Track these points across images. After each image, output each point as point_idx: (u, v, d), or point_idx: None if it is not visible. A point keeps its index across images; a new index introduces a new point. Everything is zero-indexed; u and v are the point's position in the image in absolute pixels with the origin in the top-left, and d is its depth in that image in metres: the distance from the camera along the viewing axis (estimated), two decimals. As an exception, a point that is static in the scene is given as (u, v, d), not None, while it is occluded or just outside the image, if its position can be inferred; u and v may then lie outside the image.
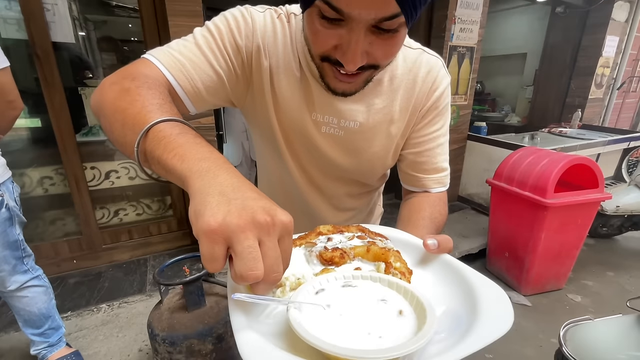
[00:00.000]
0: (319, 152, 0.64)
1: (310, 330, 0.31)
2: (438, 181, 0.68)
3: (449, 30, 2.48)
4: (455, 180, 3.11)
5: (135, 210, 2.24)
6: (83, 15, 2.13)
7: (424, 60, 0.62)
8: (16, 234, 1.19)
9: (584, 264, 2.39)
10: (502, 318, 0.34)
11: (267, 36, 0.57)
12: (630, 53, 3.75)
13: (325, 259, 0.44)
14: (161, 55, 0.50)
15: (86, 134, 2.05)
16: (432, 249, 0.45)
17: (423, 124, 0.65)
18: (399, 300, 0.36)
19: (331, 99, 0.59)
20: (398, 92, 0.61)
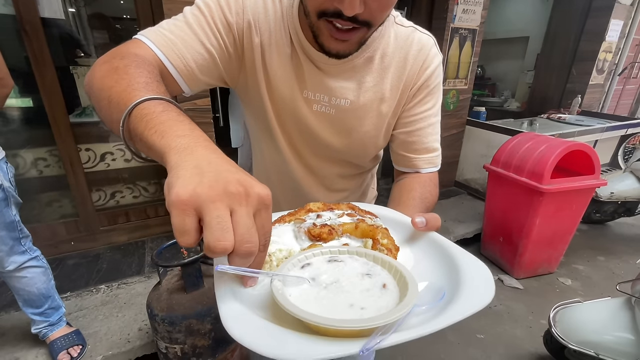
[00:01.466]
0: (310, 131, 0.64)
1: (294, 302, 0.32)
2: (429, 161, 0.68)
3: (451, 11, 2.42)
4: (453, 166, 3.11)
5: (132, 193, 2.23)
6: None
7: (416, 38, 0.62)
8: (12, 214, 1.18)
9: (575, 249, 2.43)
10: (483, 292, 0.34)
11: (258, 12, 0.56)
12: (634, 38, 3.69)
13: (313, 235, 0.44)
14: (152, 35, 0.50)
15: (80, 114, 2.01)
16: (420, 226, 0.45)
17: (414, 103, 0.65)
18: (383, 275, 0.37)
19: (322, 76, 0.59)
20: (389, 70, 0.61)
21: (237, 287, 0.36)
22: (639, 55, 3.99)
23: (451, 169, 3.11)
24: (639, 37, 3.85)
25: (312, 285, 0.35)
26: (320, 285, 0.35)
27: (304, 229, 0.45)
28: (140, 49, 0.48)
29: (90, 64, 2.05)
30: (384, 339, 0.28)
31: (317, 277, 0.36)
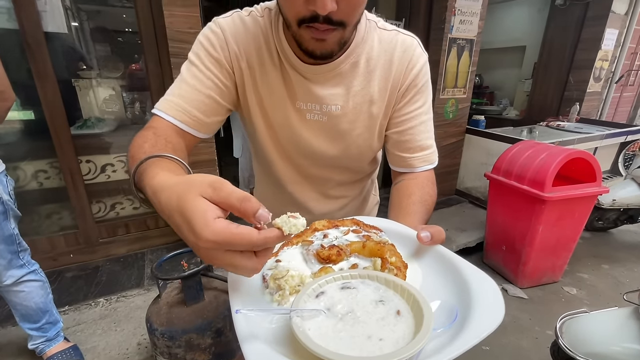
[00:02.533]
0: (305, 141, 0.66)
1: (314, 338, 0.32)
2: (424, 159, 0.69)
3: (449, 22, 2.45)
4: (453, 174, 3.11)
5: (132, 204, 2.22)
6: (76, 5, 2.08)
7: (400, 40, 0.63)
8: (11, 228, 1.18)
9: (579, 257, 2.41)
10: (494, 311, 0.35)
11: (239, 37, 0.60)
12: (629, 46, 3.74)
13: (322, 258, 0.44)
14: (162, 105, 0.59)
15: (81, 126, 2.02)
16: (426, 241, 0.46)
17: (403, 102, 0.66)
18: (396, 300, 0.37)
19: (311, 86, 0.61)
20: (375, 73, 0.63)
21: (256, 327, 0.37)
22: (635, 63, 4.03)
23: (452, 177, 3.11)
24: (634, 45, 3.90)
25: (328, 316, 0.36)
26: (336, 316, 0.36)
27: (313, 252, 0.45)
28: (157, 122, 0.58)
29: (92, 76, 2.07)
30: None
31: (332, 307, 0.37)
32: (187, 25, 1.66)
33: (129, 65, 2.22)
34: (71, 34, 2.01)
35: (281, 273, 0.42)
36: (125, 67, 2.24)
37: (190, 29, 1.68)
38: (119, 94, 2.16)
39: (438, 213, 2.89)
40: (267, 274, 0.44)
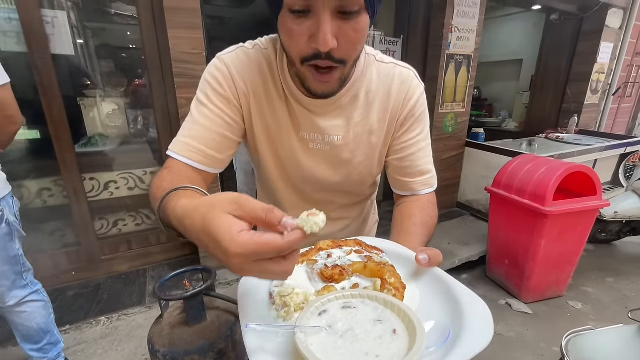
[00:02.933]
0: (309, 170, 0.69)
1: (316, 353, 0.35)
2: (424, 183, 0.72)
3: (446, 39, 2.50)
4: (454, 187, 3.11)
5: (135, 221, 2.23)
6: (82, 24, 2.13)
7: (397, 72, 0.67)
8: (16, 248, 1.18)
9: (583, 271, 2.39)
10: (484, 332, 0.37)
11: (245, 72, 0.62)
12: (625, 59, 3.79)
13: (326, 277, 0.47)
14: (176, 147, 0.61)
15: (85, 144, 2.04)
16: (424, 263, 0.48)
17: (402, 131, 0.69)
18: (393, 320, 0.40)
19: (313, 117, 0.64)
20: (374, 105, 0.66)
21: (264, 341, 0.40)
22: (631, 75, 4.08)
23: (452, 190, 3.12)
24: (630, 57, 3.96)
25: (330, 333, 0.39)
26: (337, 333, 0.39)
27: (317, 271, 0.48)
28: (173, 163, 0.60)
29: (97, 95, 2.11)
30: None
31: (333, 324, 0.40)
32: (191, 47, 1.71)
33: (132, 80, 2.27)
34: (77, 53, 2.06)
35: (287, 291, 0.45)
36: (129, 82, 2.29)
37: (194, 50, 1.72)
38: (122, 112, 2.20)
39: (440, 226, 2.88)
40: (274, 291, 0.46)
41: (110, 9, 2.35)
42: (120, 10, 2.34)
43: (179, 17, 1.66)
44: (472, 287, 1.86)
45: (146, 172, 2.17)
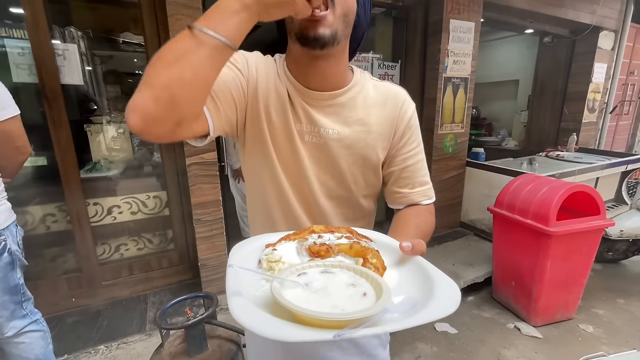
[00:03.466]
0: (303, 164, 0.70)
1: (287, 298, 0.38)
2: (423, 194, 0.75)
3: (443, 62, 2.58)
4: (456, 207, 3.10)
5: (137, 245, 2.22)
6: (91, 52, 2.22)
7: (391, 88, 0.74)
8: (17, 278, 1.18)
9: (592, 291, 2.34)
10: (449, 304, 0.40)
11: (259, 65, 0.68)
12: (620, 78, 3.87)
13: (312, 252, 0.51)
14: None
15: (90, 169, 2.08)
16: (407, 250, 0.51)
17: (402, 143, 0.73)
18: (366, 286, 0.43)
19: (312, 111, 0.68)
20: (372, 108, 0.71)
21: (243, 288, 0.42)
22: (627, 93, 4.14)
23: (455, 209, 3.10)
24: (624, 77, 4.04)
25: (304, 289, 0.42)
26: (311, 290, 0.42)
27: (305, 247, 0.52)
28: None
29: (103, 121, 2.16)
30: (354, 331, 0.34)
31: (310, 283, 0.43)
32: (195, 75, 1.76)
33: None
34: (85, 81, 2.12)
35: (275, 258, 0.50)
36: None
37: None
38: (127, 136, 2.24)
39: (443, 247, 2.85)
40: (263, 258, 0.50)
41: (119, 38, 2.46)
42: (127, 38, 2.45)
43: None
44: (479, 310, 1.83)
45: (149, 197, 2.18)
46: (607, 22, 3.46)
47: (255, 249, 0.54)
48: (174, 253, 2.27)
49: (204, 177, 1.92)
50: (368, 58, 2.63)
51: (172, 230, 2.25)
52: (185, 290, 2.21)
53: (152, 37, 1.89)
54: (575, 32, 3.51)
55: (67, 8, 2.08)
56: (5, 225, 1.13)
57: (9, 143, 1.11)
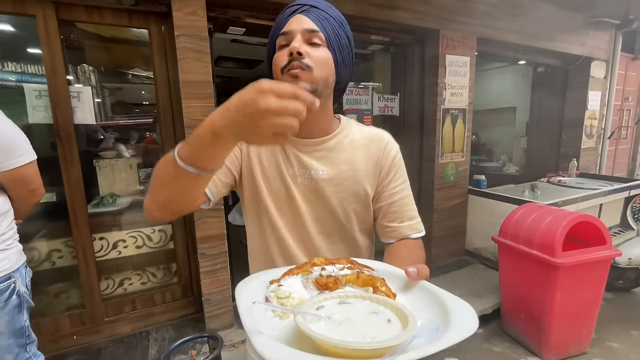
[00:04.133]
0: (297, 205, 0.75)
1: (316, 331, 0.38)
2: (412, 228, 0.79)
3: (440, 95, 2.67)
4: (461, 235, 3.09)
5: (140, 279, 2.21)
6: (101, 84, 2.31)
7: (375, 132, 0.81)
8: (23, 320, 1.18)
9: (605, 322, 2.27)
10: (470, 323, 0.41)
11: None
12: (615, 104, 3.96)
13: (320, 285, 0.51)
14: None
15: (97, 204, 2.11)
16: (413, 275, 0.53)
17: (388, 180, 0.79)
18: (387, 312, 0.44)
19: (302, 156, 0.75)
20: (358, 150, 0.78)
21: (261, 325, 0.42)
22: (623, 119, 4.22)
23: (459, 237, 3.09)
24: (619, 102, 4.13)
25: (328, 322, 0.42)
26: (335, 322, 0.42)
27: (312, 279, 0.52)
28: None
29: (111, 156, 2.22)
30: (394, 358, 0.34)
31: (331, 316, 0.43)
32: (203, 114, 1.84)
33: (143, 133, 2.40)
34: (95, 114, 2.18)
35: (284, 294, 0.49)
36: (140, 136, 2.41)
37: (205, 117, 1.85)
38: (134, 171, 2.29)
39: (450, 276, 2.81)
40: (270, 295, 0.50)
41: (129, 72, 2.58)
42: (136, 72, 2.56)
43: (193, 89, 1.81)
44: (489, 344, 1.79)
45: (154, 230, 2.20)
46: (597, 53, 3.59)
47: (259, 286, 0.54)
48: (177, 287, 2.25)
49: (209, 211, 1.95)
50: (368, 90, 2.73)
51: (176, 264, 2.25)
52: (188, 325, 2.17)
53: (162, 75, 1.99)
54: (567, 63, 3.63)
55: (82, 48, 2.19)
56: (15, 268, 1.15)
57: (24, 186, 1.15)
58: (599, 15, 3.35)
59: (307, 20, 0.67)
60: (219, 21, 2.05)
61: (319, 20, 0.67)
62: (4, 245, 1.12)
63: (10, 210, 1.16)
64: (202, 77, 1.82)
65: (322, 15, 0.68)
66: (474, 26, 2.72)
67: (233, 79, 5.84)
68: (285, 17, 0.69)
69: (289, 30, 0.66)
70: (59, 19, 1.72)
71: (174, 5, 1.71)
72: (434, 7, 2.51)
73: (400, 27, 2.48)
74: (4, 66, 1.72)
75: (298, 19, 0.67)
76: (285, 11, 0.70)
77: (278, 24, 0.70)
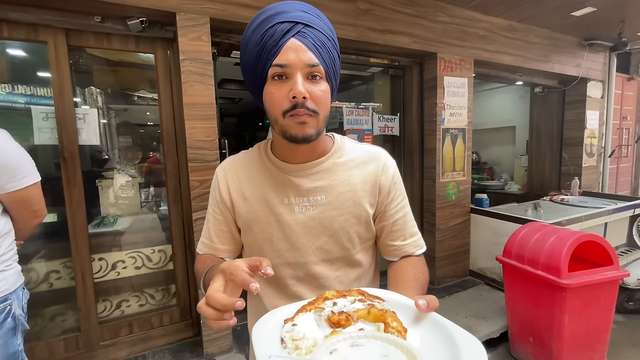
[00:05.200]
0: (296, 236, 0.73)
1: None
2: (415, 245, 0.79)
3: (440, 115, 2.70)
4: (464, 254, 3.04)
5: (138, 301, 2.17)
6: (107, 106, 2.36)
7: (370, 150, 0.80)
8: (17, 344, 1.15)
9: (617, 347, 2.19)
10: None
11: (229, 177, 0.78)
12: (613, 123, 3.99)
13: (333, 322, 0.51)
14: (202, 247, 0.82)
15: (98, 224, 2.10)
16: (423, 308, 0.53)
17: (390, 199, 0.77)
18: (397, 354, 0.44)
19: (297, 182, 0.72)
20: (354, 169, 0.76)
21: None
22: (622, 137, 4.24)
23: (463, 257, 3.04)
24: (617, 121, 4.16)
25: None
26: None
27: (324, 317, 0.52)
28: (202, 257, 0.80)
29: (113, 175, 2.23)
30: None
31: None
32: (205, 135, 1.87)
33: (147, 154, 2.42)
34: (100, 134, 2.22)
35: (298, 335, 0.49)
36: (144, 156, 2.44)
37: (208, 138, 1.88)
38: (137, 192, 2.30)
39: (454, 297, 2.74)
40: (285, 336, 0.50)
41: (134, 94, 2.64)
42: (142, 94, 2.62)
43: (196, 110, 1.84)
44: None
45: (154, 251, 2.18)
46: (593, 74, 3.66)
47: (275, 327, 0.54)
48: (175, 309, 2.20)
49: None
50: (368, 110, 2.77)
51: (175, 285, 2.21)
52: (185, 350, 2.11)
53: (166, 97, 2.03)
54: (564, 83, 3.70)
55: (90, 72, 2.26)
56: (12, 289, 1.13)
57: (27, 207, 1.16)
58: (592, 37, 3.45)
59: (305, 51, 0.61)
60: (223, 46, 2.13)
61: (316, 48, 0.62)
62: (3, 267, 1.11)
63: (11, 231, 1.16)
64: (206, 100, 1.86)
65: (319, 40, 0.63)
66: (470, 49, 2.79)
67: (236, 100, 5.97)
68: (276, 39, 0.60)
69: (287, 63, 0.61)
70: (69, 44, 1.78)
71: (180, 31, 1.78)
72: (432, 32, 2.59)
73: (399, 50, 2.56)
74: (13, 89, 1.77)
75: (295, 48, 0.61)
76: (274, 29, 0.61)
77: (267, 45, 0.61)
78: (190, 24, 1.79)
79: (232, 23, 1.95)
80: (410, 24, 2.49)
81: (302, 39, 0.61)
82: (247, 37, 0.66)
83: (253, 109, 6.71)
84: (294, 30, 0.61)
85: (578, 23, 3.08)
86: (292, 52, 0.61)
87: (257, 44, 0.62)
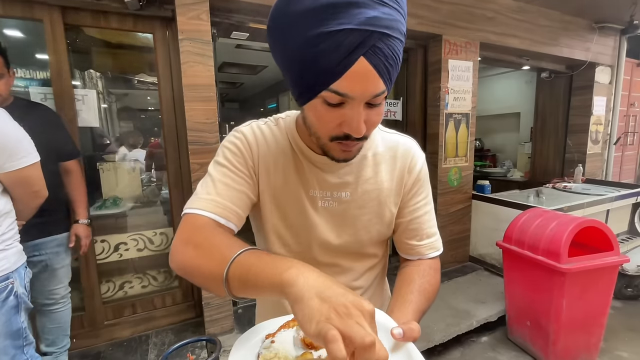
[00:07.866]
0: (317, 229, 0.70)
1: None
2: (431, 247, 0.75)
3: (443, 99, 2.66)
4: (465, 240, 3.05)
5: (141, 282, 2.20)
6: (107, 90, 2.33)
7: (401, 141, 0.74)
8: (20, 321, 1.17)
9: (614, 331, 2.21)
10: None
11: (259, 142, 0.68)
12: (620, 109, 3.92)
13: (306, 344, 0.50)
14: (198, 204, 0.62)
15: (100, 207, 2.11)
16: (398, 337, 0.50)
17: (410, 195, 0.73)
18: None
19: (323, 175, 0.68)
20: (381, 166, 0.71)
21: None
22: (629, 125, 4.17)
23: (463, 243, 3.05)
24: (625, 108, 4.09)
25: None
26: None
27: (300, 337, 0.51)
28: (199, 220, 0.60)
29: (114, 158, 2.22)
30: None
31: None
32: (205, 117, 1.85)
33: (148, 139, 2.41)
34: (100, 119, 2.21)
35: (270, 355, 0.49)
36: (145, 141, 2.43)
37: (208, 120, 1.86)
38: (137, 175, 2.30)
39: (453, 282, 2.77)
40: (262, 352, 0.50)
41: (134, 78, 2.61)
42: (142, 78, 2.59)
43: (196, 92, 1.82)
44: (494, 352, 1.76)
45: (156, 233, 2.20)
46: (602, 58, 3.57)
47: (257, 342, 0.53)
48: (177, 291, 2.24)
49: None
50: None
51: (177, 267, 2.24)
52: (188, 330, 2.15)
53: (166, 79, 2.01)
54: (571, 68, 3.62)
55: (88, 54, 2.23)
56: (14, 268, 1.14)
57: (27, 188, 1.16)
58: (602, 20, 3.34)
59: (374, 78, 0.48)
60: (223, 26, 2.08)
61: (387, 69, 0.49)
62: (3, 246, 1.12)
63: (12, 210, 1.17)
64: (205, 81, 1.83)
65: (393, 52, 0.49)
66: (476, 31, 2.72)
67: (237, 84, 5.89)
68: (341, 55, 0.46)
69: (350, 94, 0.49)
70: (66, 23, 1.74)
71: (178, 9, 1.73)
72: (437, 13, 2.52)
73: (403, 32, 2.49)
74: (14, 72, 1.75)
75: (362, 74, 0.48)
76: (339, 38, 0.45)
77: (326, 56, 0.47)
78: (189, 1, 1.75)
79: (232, 2, 1.90)
80: (416, 4, 2.42)
81: (374, 58, 0.47)
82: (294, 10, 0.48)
83: (255, 94, 6.63)
84: (366, 44, 0.46)
85: (590, 4, 2.98)
86: (359, 81, 0.48)
87: (307, 42, 0.47)
